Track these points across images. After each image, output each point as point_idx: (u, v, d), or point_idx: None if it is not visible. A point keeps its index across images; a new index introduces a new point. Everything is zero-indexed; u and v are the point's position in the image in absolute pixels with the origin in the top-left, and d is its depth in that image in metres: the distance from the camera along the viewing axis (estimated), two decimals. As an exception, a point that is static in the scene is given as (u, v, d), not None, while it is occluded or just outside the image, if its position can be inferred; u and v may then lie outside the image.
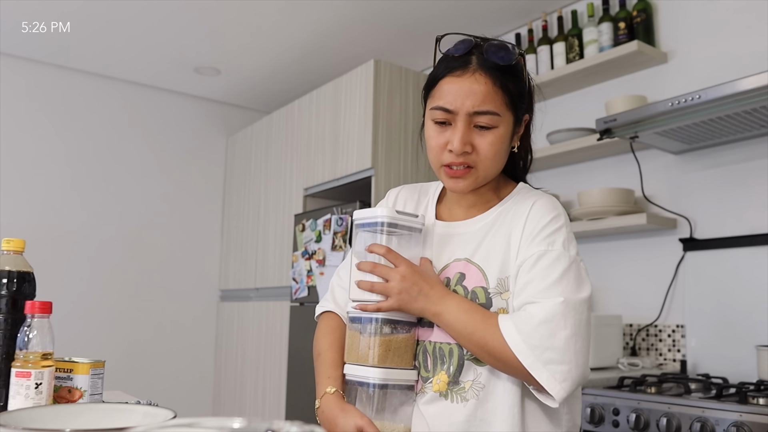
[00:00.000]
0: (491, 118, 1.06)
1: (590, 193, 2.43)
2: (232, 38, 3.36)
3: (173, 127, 4.18)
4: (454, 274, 1.12)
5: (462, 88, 1.06)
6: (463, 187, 1.11)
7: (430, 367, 1.11)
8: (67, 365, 1.11)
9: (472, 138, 1.07)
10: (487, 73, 1.06)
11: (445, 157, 1.09)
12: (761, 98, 1.84)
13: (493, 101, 1.05)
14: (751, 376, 2.02)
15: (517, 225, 1.10)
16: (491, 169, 1.11)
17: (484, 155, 1.07)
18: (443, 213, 1.22)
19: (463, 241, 1.14)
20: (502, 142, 1.08)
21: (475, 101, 1.05)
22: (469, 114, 1.05)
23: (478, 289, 1.08)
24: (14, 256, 1.11)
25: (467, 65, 1.06)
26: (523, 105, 1.11)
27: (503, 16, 3.03)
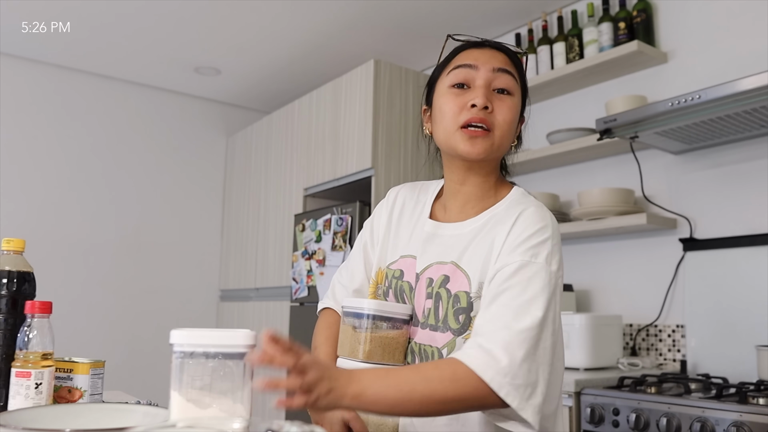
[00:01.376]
0: (511, 79, 1.09)
1: (590, 193, 2.43)
2: (233, 38, 3.36)
3: (173, 127, 4.18)
4: (439, 276, 1.09)
5: (484, 52, 1.11)
6: (480, 150, 1.06)
7: None
8: (67, 365, 1.11)
9: (493, 100, 1.07)
10: (503, 51, 1.12)
11: (464, 116, 1.06)
12: (761, 98, 1.84)
13: (512, 68, 1.11)
14: (751, 376, 2.02)
15: (501, 231, 1.05)
16: (504, 139, 1.09)
17: (503, 118, 1.07)
18: (438, 211, 1.20)
19: (451, 243, 1.12)
20: (516, 112, 1.10)
21: (499, 61, 1.09)
22: (493, 70, 1.08)
23: (461, 294, 1.06)
24: (14, 256, 1.11)
25: (483, 46, 1.13)
26: (525, 92, 1.16)
27: (503, 16, 3.03)
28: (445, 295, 1.07)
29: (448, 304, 1.06)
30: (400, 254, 1.18)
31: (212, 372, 0.76)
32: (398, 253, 1.19)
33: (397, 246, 1.20)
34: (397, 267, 1.16)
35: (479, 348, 0.90)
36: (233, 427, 0.52)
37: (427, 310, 1.08)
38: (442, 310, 1.06)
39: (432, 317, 1.07)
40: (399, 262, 1.17)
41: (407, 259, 1.16)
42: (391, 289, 1.16)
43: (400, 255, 1.18)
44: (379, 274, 1.20)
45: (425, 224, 1.17)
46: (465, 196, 1.14)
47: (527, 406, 0.88)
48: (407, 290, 1.13)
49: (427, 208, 1.21)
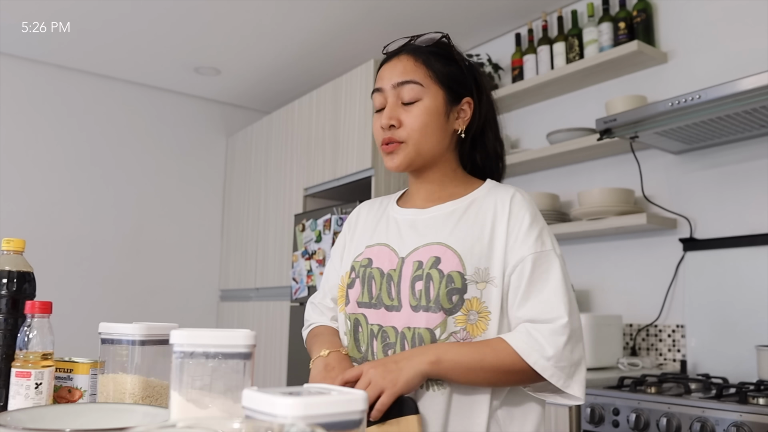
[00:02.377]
0: (413, 87, 1.13)
1: (590, 193, 2.43)
2: (232, 38, 3.36)
3: (173, 127, 4.18)
4: (428, 258, 1.10)
5: (388, 68, 1.18)
6: (398, 163, 1.15)
7: None
8: (67, 365, 1.11)
9: (399, 114, 1.14)
10: (410, 54, 1.16)
11: (379, 137, 1.17)
12: (761, 98, 1.84)
13: (414, 73, 1.14)
14: (751, 376, 2.02)
15: (500, 217, 1.11)
16: (423, 144, 1.14)
17: (411, 127, 1.13)
18: (405, 203, 1.25)
19: (435, 224, 1.15)
20: (428, 114, 1.13)
21: (398, 74, 1.15)
22: (393, 86, 1.14)
23: (455, 274, 1.07)
24: (14, 256, 1.11)
25: (396, 54, 1.19)
26: (458, 87, 1.17)
27: (503, 16, 3.03)
28: (437, 275, 1.07)
29: (441, 284, 1.07)
30: (366, 245, 1.21)
31: (212, 372, 0.76)
32: (363, 245, 1.21)
33: (361, 241, 1.23)
34: (364, 257, 1.18)
35: (527, 334, 1.04)
36: (233, 427, 0.52)
37: (419, 292, 1.09)
38: (434, 291, 1.07)
39: (423, 298, 1.08)
40: (365, 252, 1.19)
41: (375, 247, 1.18)
42: (358, 278, 1.17)
43: (366, 245, 1.20)
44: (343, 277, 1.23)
45: (397, 213, 1.22)
46: (427, 190, 1.21)
47: (572, 383, 1.03)
48: (377, 276, 1.14)
49: (392, 203, 1.27)
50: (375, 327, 1.13)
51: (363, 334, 1.15)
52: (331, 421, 0.59)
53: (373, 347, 1.13)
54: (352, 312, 1.17)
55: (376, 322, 1.13)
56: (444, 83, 1.15)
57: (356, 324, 1.16)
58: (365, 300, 1.15)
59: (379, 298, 1.13)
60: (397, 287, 1.12)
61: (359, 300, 1.16)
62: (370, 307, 1.14)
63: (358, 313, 1.16)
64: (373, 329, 1.13)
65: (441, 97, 1.15)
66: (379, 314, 1.13)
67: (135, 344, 1.03)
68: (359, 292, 1.16)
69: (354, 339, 1.16)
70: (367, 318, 1.15)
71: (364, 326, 1.15)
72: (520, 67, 2.90)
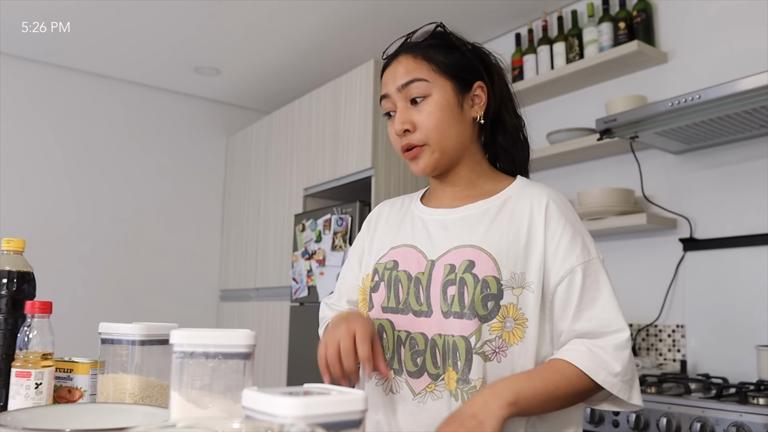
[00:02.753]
0: (419, 84, 1.08)
1: (590, 193, 2.43)
2: (232, 38, 3.36)
3: (173, 127, 4.18)
4: (461, 261, 1.04)
5: (389, 72, 1.13)
6: (424, 167, 1.11)
7: (440, 363, 1.03)
8: (67, 365, 1.11)
9: (411, 116, 1.09)
10: (408, 52, 1.12)
11: (397, 144, 1.12)
12: (761, 98, 1.84)
13: (417, 70, 1.09)
14: (751, 376, 2.02)
15: (537, 221, 1.05)
16: (445, 141, 1.09)
17: (426, 127, 1.08)
18: (431, 202, 1.19)
19: (466, 225, 1.09)
20: (440, 109, 1.08)
21: (401, 75, 1.10)
22: (399, 90, 1.10)
23: (490, 279, 1.01)
24: (14, 256, 1.11)
25: (396, 56, 1.14)
26: (466, 73, 1.12)
27: (503, 16, 3.03)
28: (471, 280, 1.02)
29: (476, 290, 1.01)
30: (390, 246, 1.14)
31: (212, 372, 0.76)
32: (386, 246, 1.15)
33: (383, 242, 1.17)
34: (389, 259, 1.13)
35: (590, 352, 0.99)
36: (233, 427, 0.52)
37: (451, 297, 1.03)
38: (468, 296, 1.01)
39: (457, 304, 1.02)
40: (390, 254, 1.13)
41: (401, 249, 1.12)
42: (383, 281, 1.11)
43: (390, 247, 1.14)
44: (365, 280, 1.17)
45: (423, 212, 1.16)
46: (453, 190, 1.15)
47: (634, 393, 1.01)
48: (404, 280, 1.09)
49: (416, 201, 1.21)
50: (403, 333, 1.07)
51: (388, 340, 1.08)
52: (331, 421, 0.59)
53: (401, 354, 1.07)
54: (376, 317, 1.11)
55: (404, 328, 1.07)
56: (450, 73, 1.10)
57: (380, 330, 1.09)
58: (392, 305, 1.09)
59: (407, 302, 1.07)
60: (426, 291, 1.06)
61: (384, 305, 1.10)
62: (396, 312, 1.08)
63: (383, 319, 1.10)
64: (401, 336, 1.07)
65: (450, 88, 1.09)
66: (407, 320, 1.07)
67: (135, 344, 1.03)
68: (384, 297, 1.10)
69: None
70: (393, 324, 1.08)
71: (390, 332, 1.08)
72: (520, 67, 2.91)
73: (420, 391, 1.04)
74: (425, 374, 1.04)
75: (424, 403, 1.03)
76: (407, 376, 1.05)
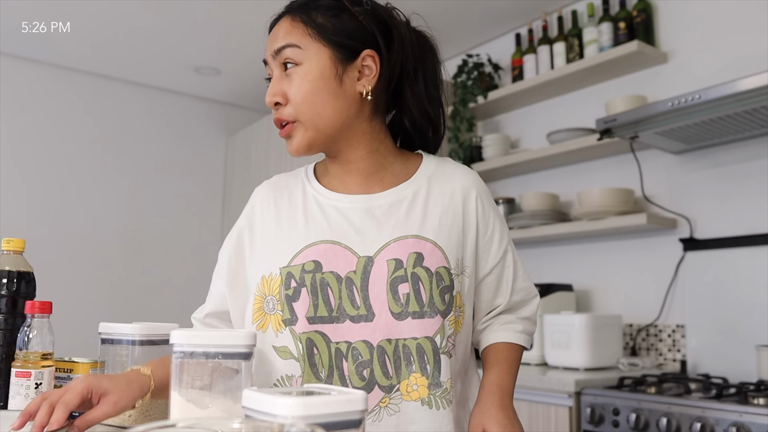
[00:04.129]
0: (290, 51, 0.95)
1: (590, 193, 2.43)
2: (232, 38, 3.36)
3: (173, 127, 4.18)
4: (408, 254, 0.94)
5: (270, 36, 1.00)
6: (297, 146, 0.97)
7: (391, 372, 0.92)
8: (67, 365, 1.11)
9: (284, 86, 0.96)
10: (289, 14, 0.99)
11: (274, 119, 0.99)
12: (761, 98, 1.84)
13: (292, 34, 0.96)
14: (751, 376, 2.02)
15: (469, 205, 1.02)
16: (318, 117, 0.95)
17: (295, 100, 0.95)
18: (337, 187, 1.03)
19: (400, 213, 0.98)
20: (311, 80, 0.94)
21: (276, 40, 0.97)
22: (273, 56, 0.97)
23: (442, 270, 0.95)
24: (14, 256, 1.11)
25: (279, 18, 1.01)
26: (350, 40, 0.96)
27: (503, 16, 3.03)
28: (424, 274, 0.94)
29: (431, 284, 0.94)
30: (304, 243, 0.97)
31: (212, 372, 0.76)
32: (296, 243, 0.97)
33: (287, 238, 0.99)
34: (306, 259, 0.95)
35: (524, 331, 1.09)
36: (233, 427, 0.52)
37: (404, 296, 0.93)
38: (425, 293, 0.93)
39: (414, 303, 0.93)
40: (305, 254, 0.96)
41: (321, 246, 0.96)
42: (304, 287, 0.94)
43: (304, 245, 0.97)
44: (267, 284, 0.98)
45: (334, 200, 1.00)
46: (361, 171, 1.02)
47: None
48: (333, 283, 0.94)
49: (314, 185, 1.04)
50: (342, 345, 0.92)
51: (322, 356, 0.93)
52: (331, 421, 0.59)
53: (343, 370, 0.92)
54: (302, 331, 0.93)
55: (342, 338, 0.93)
56: (329, 39, 0.95)
57: (310, 345, 0.93)
58: (321, 314, 0.93)
59: (341, 308, 0.93)
60: (363, 293, 0.93)
61: (310, 315, 0.93)
62: (330, 321, 0.93)
63: (312, 332, 0.93)
64: (340, 348, 0.92)
65: (326, 56, 0.94)
66: (344, 328, 0.93)
67: (135, 344, 1.03)
68: (309, 305, 0.93)
69: (310, 365, 0.93)
70: (326, 336, 0.93)
71: (323, 346, 0.93)
72: (520, 67, 2.90)
73: (373, 408, 0.92)
74: (375, 387, 0.92)
75: (380, 421, 0.92)
76: None
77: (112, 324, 1.06)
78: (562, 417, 1.96)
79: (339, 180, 1.03)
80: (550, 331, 2.32)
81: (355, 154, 1.01)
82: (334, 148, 1.01)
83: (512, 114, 3.05)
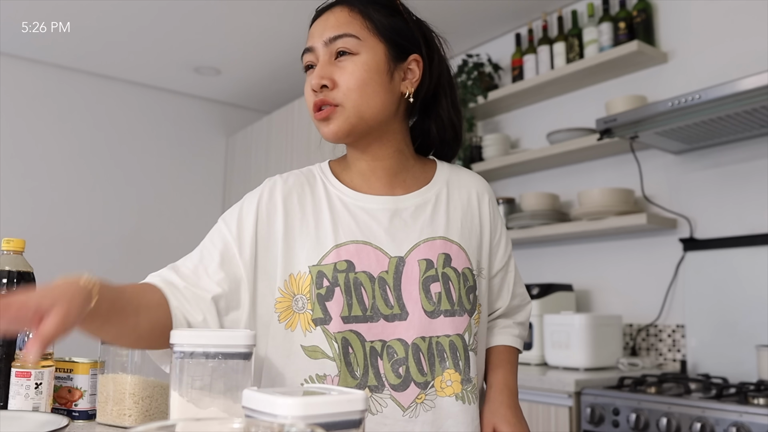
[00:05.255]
0: (347, 40, 0.96)
1: (590, 193, 2.43)
2: (232, 38, 3.36)
3: (173, 127, 4.18)
4: (437, 255, 0.99)
5: (319, 23, 1.01)
6: (335, 130, 0.97)
7: (426, 369, 0.95)
8: (67, 365, 1.11)
9: (332, 72, 0.96)
10: (344, 4, 1.00)
11: (310, 100, 0.98)
12: (761, 98, 1.84)
13: (350, 25, 0.98)
14: (751, 376, 2.02)
15: (483, 210, 1.09)
16: (365, 106, 0.96)
17: (346, 85, 0.95)
18: (361, 187, 1.04)
19: (425, 215, 1.02)
20: (366, 71, 0.96)
21: (331, 28, 0.98)
22: (326, 43, 0.97)
23: (467, 271, 1.01)
24: (14, 256, 1.11)
25: (329, 8, 1.02)
26: (403, 40, 1.01)
27: (503, 16, 3.03)
28: (453, 274, 0.98)
29: (459, 284, 0.98)
30: (333, 244, 0.97)
31: (212, 372, 0.76)
32: (326, 244, 0.97)
33: (315, 236, 0.99)
34: (338, 259, 0.96)
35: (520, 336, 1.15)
36: (233, 427, 0.52)
37: (437, 295, 0.97)
38: (455, 292, 0.98)
39: (446, 301, 0.97)
40: (336, 253, 0.96)
41: (352, 246, 0.97)
42: (337, 287, 0.95)
43: (333, 245, 0.97)
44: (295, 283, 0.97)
45: (359, 200, 1.01)
46: (387, 170, 1.04)
47: None
48: (366, 283, 0.95)
49: (335, 184, 1.04)
50: (377, 344, 0.94)
51: (356, 355, 0.94)
52: (331, 421, 0.59)
53: (379, 368, 0.94)
54: (337, 330, 0.94)
55: (378, 337, 0.94)
56: (385, 36, 0.98)
57: (345, 344, 0.94)
58: (356, 313, 0.94)
59: (375, 308, 0.95)
60: (396, 292, 0.96)
61: (345, 314, 0.94)
62: (364, 321, 0.94)
63: (346, 331, 0.94)
64: (375, 347, 0.94)
65: (382, 51, 0.98)
66: (378, 328, 0.94)
67: None
68: (344, 305, 0.94)
69: (345, 363, 0.93)
70: (361, 335, 0.94)
71: (358, 345, 0.94)
72: (520, 67, 2.91)
73: (410, 405, 0.94)
74: (412, 384, 0.94)
75: (416, 417, 0.94)
76: (391, 391, 0.94)
77: None
78: (562, 417, 1.96)
79: (363, 179, 1.04)
80: (550, 331, 2.32)
81: (383, 151, 1.03)
82: (365, 141, 1.02)
83: (512, 114, 3.05)
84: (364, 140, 1.01)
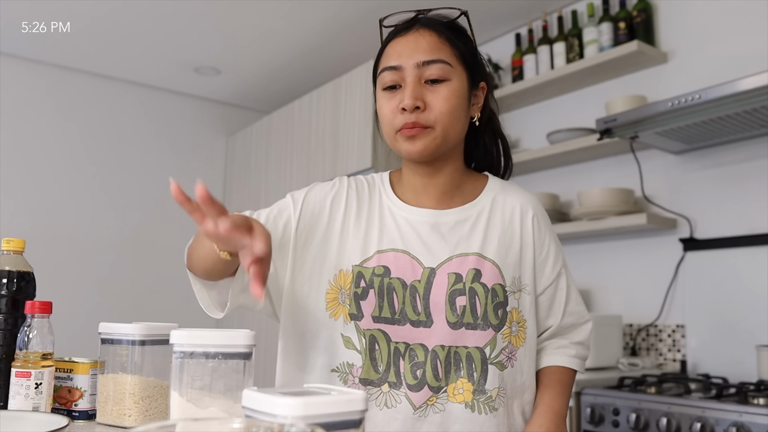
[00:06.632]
0: (442, 67, 1.01)
1: (590, 193, 2.43)
2: (232, 38, 3.36)
3: (173, 127, 4.18)
4: (467, 270, 1.03)
5: (407, 43, 1.03)
6: (421, 149, 1.01)
7: (441, 375, 1.01)
8: (67, 365, 1.11)
9: (424, 94, 1.00)
10: (432, 28, 1.04)
11: (398, 120, 1.01)
12: (761, 98, 1.84)
13: (442, 51, 1.02)
14: (751, 376, 2.02)
15: (527, 226, 1.10)
16: (450, 129, 1.02)
17: (439, 110, 1.00)
18: (410, 200, 1.11)
19: (464, 231, 1.06)
20: (457, 97, 1.02)
21: (423, 52, 1.01)
22: (418, 65, 1.01)
23: (497, 287, 1.03)
24: (14, 256, 1.11)
25: (411, 26, 1.05)
26: (476, 66, 1.08)
27: (503, 16, 3.03)
28: (481, 290, 1.02)
29: (487, 300, 1.02)
30: (376, 249, 1.05)
31: (212, 372, 0.76)
32: (370, 249, 1.06)
33: (362, 240, 1.07)
34: (377, 264, 1.04)
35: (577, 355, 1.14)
36: (233, 427, 0.53)
37: (461, 308, 1.01)
38: (480, 307, 1.02)
39: (469, 315, 1.01)
40: (377, 258, 1.05)
41: (391, 253, 1.05)
42: (372, 288, 1.03)
43: (376, 250, 1.05)
44: (337, 278, 1.06)
45: (406, 211, 1.08)
46: (440, 187, 1.09)
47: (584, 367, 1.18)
48: (398, 288, 1.03)
49: (389, 194, 1.11)
50: (401, 345, 1.01)
51: (381, 352, 1.02)
52: (331, 421, 0.59)
53: (399, 367, 1.01)
54: (366, 327, 1.02)
55: (402, 339, 1.01)
56: (467, 64, 1.05)
57: (372, 341, 1.02)
58: (385, 315, 1.02)
59: (403, 312, 1.02)
60: (425, 301, 1.02)
61: (375, 314, 1.02)
62: (392, 323, 1.02)
63: (375, 329, 1.02)
64: (399, 347, 1.01)
65: (465, 79, 1.04)
66: (404, 331, 1.01)
67: (135, 344, 1.03)
68: (375, 305, 1.02)
69: (370, 358, 1.02)
70: (388, 335, 1.02)
71: (384, 344, 1.02)
72: (520, 67, 2.91)
73: (421, 405, 1.00)
74: (425, 387, 1.00)
75: (426, 417, 1.00)
76: (407, 390, 1.00)
77: (112, 324, 1.06)
78: (562, 417, 1.96)
79: (414, 193, 1.10)
80: (550, 331, 2.32)
81: (447, 168, 1.09)
82: (439, 160, 1.07)
83: (512, 114, 3.05)
84: (439, 158, 1.07)
